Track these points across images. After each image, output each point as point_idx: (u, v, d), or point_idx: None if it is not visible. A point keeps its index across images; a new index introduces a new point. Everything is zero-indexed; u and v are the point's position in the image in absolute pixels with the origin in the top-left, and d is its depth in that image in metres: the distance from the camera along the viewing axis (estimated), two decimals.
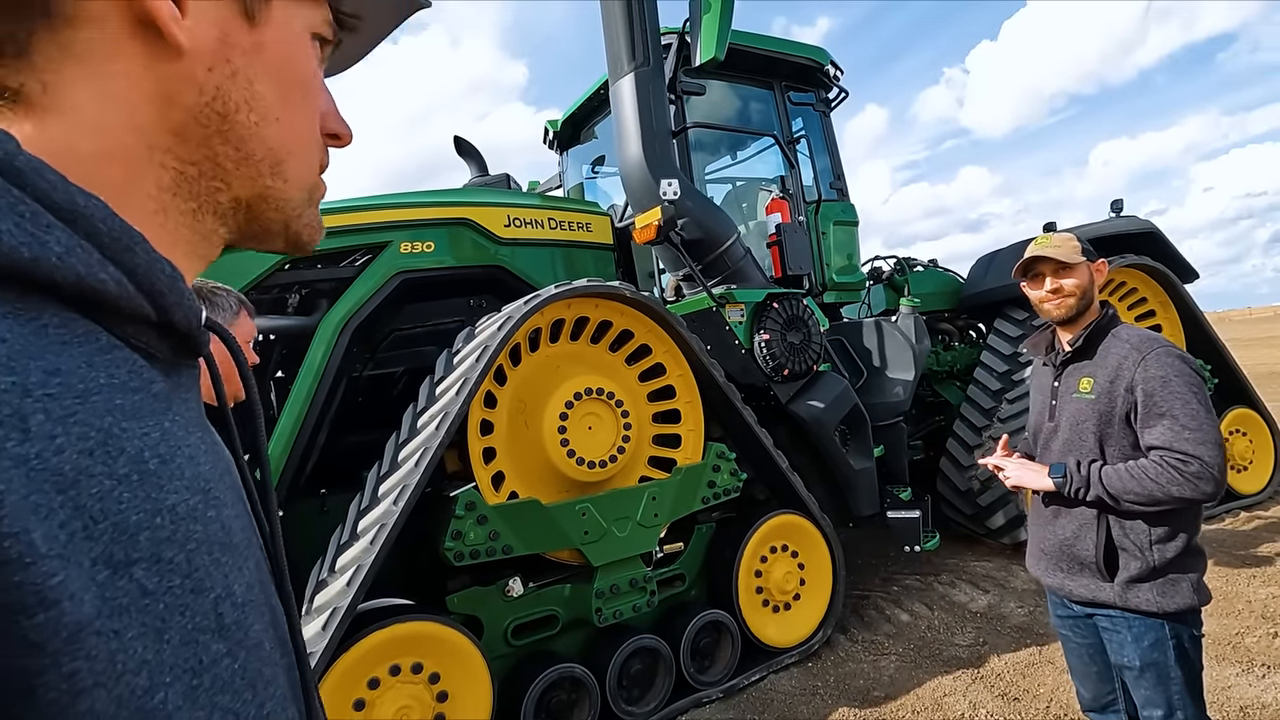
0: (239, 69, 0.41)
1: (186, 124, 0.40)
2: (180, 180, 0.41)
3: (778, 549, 3.53)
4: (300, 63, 0.45)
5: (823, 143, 5.03)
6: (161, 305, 0.35)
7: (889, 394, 4.25)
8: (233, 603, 0.34)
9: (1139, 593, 1.71)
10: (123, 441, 0.30)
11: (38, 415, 0.27)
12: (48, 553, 0.25)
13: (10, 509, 0.24)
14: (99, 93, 0.37)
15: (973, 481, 4.72)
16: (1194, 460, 1.61)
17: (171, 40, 0.38)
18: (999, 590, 4.14)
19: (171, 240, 0.41)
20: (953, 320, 6.08)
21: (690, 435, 3.37)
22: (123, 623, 0.27)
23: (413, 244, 3.46)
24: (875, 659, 3.44)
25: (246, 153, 0.42)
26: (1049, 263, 1.84)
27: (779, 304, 3.76)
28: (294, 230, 0.47)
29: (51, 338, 0.30)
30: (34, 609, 0.24)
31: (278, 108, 0.43)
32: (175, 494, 0.32)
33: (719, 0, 3.75)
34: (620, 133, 3.68)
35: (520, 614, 2.92)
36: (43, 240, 0.30)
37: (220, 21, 0.40)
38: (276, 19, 0.43)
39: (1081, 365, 1.84)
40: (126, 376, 0.33)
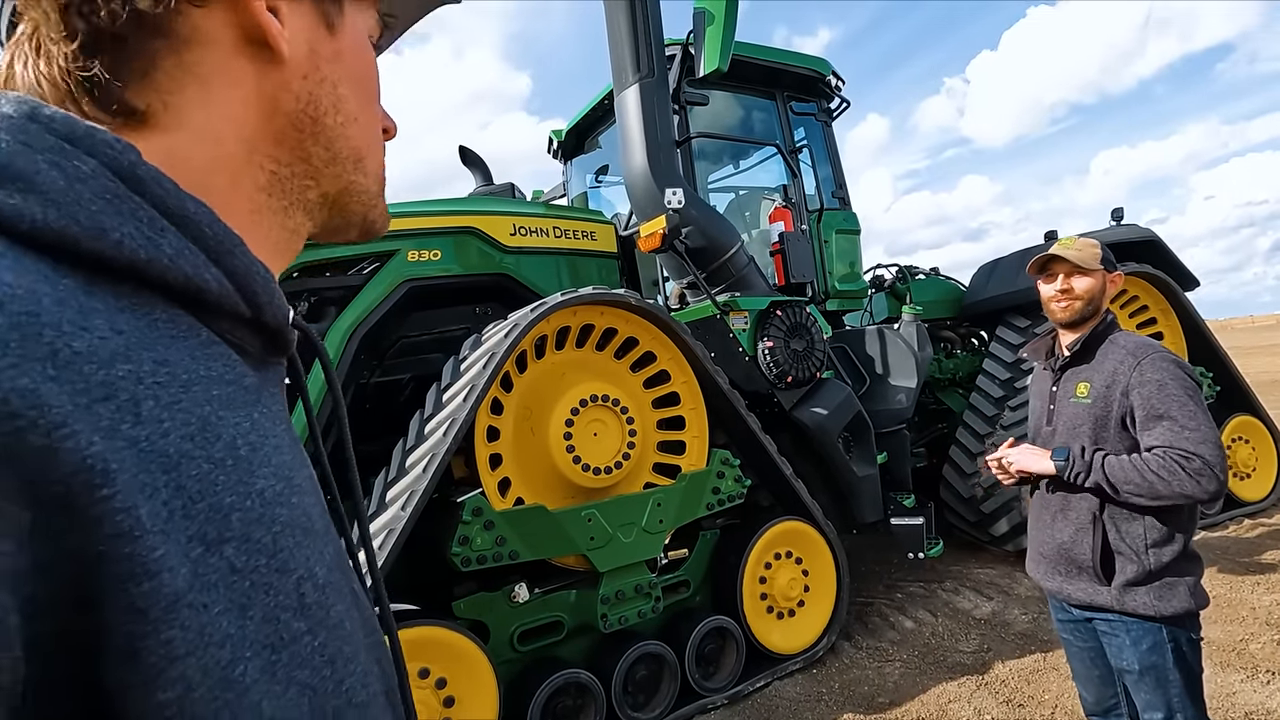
0: (326, 75, 0.45)
1: (285, 129, 0.43)
2: (274, 180, 0.44)
3: (782, 555, 3.55)
4: (370, 64, 0.49)
5: (824, 152, 5.08)
6: (256, 304, 0.38)
7: (892, 401, 4.27)
8: (314, 584, 0.36)
9: (1136, 596, 1.72)
10: (219, 429, 0.33)
11: (148, 401, 0.30)
12: (152, 528, 0.28)
13: (123, 486, 0.27)
14: (212, 107, 0.40)
15: (976, 488, 4.73)
16: (1195, 458, 1.63)
17: (278, 52, 0.41)
18: (1003, 597, 4.14)
19: (264, 237, 0.44)
20: (955, 328, 6.10)
21: (695, 442, 3.39)
22: (211, 597, 0.29)
23: (420, 252, 3.50)
24: (880, 665, 3.45)
25: (334, 152, 0.46)
26: (1065, 263, 1.86)
27: (782, 311, 3.79)
28: (370, 219, 0.51)
29: (161, 331, 0.33)
30: (140, 578, 0.27)
31: (357, 108, 0.47)
32: (263, 479, 0.34)
33: (722, 13, 3.81)
34: (625, 142, 3.72)
35: (526, 619, 2.94)
36: (157, 243, 0.33)
37: (309, 33, 0.44)
38: (349, 28, 0.47)
39: (1079, 370, 1.87)
40: (223, 369, 0.35)
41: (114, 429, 0.28)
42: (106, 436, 0.27)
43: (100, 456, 0.26)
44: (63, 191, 0.30)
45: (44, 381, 0.26)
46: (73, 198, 0.30)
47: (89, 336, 0.28)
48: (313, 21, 0.44)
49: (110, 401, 0.28)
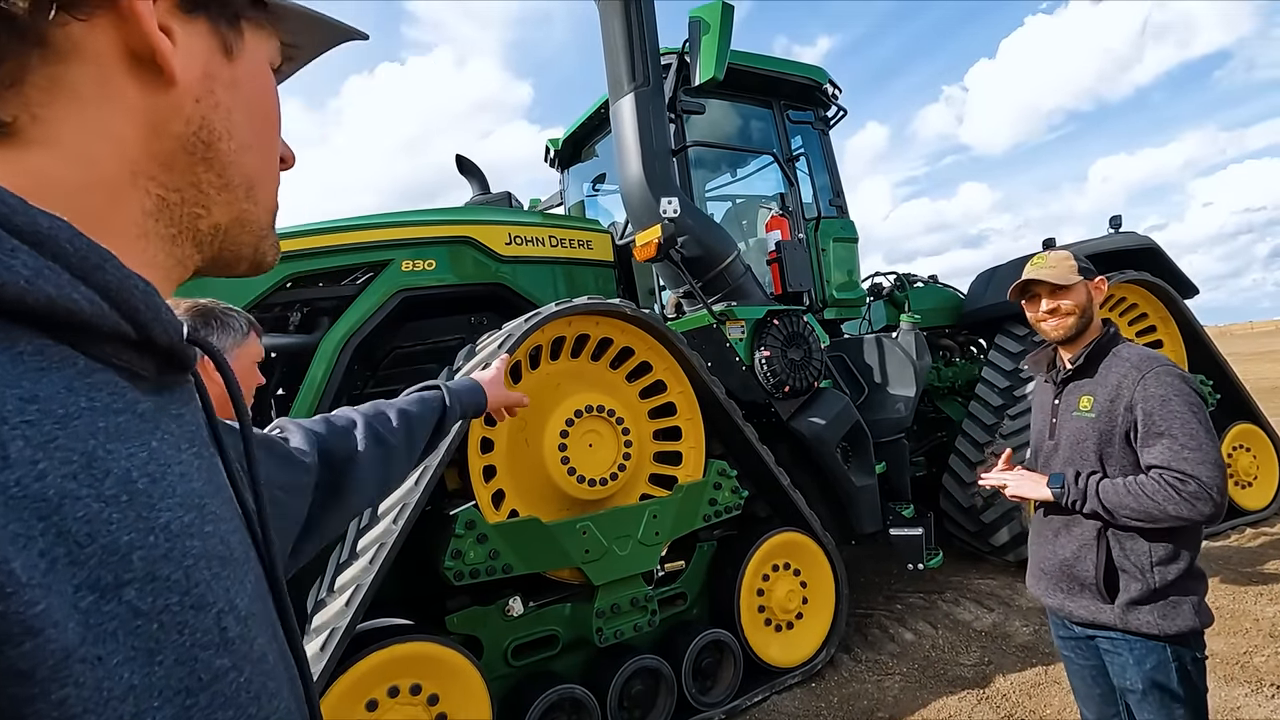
0: (220, 100, 0.43)
1: (173, 152, 0.42)
2: (162, 206, 0.42)
3: (780, 567, 3.51)
4: (269, 94, 0.48)
5: (822, 160, 5.07)
6: (138, 322, 0.35)
7: (890, 410, 4.24)
8: (236, 616, 0.34)
9: (1139, 615, 1.69)
10: (108, 463, 0.30)
11: (16, 442, 0.27)
12: (29, 581, 0.25)
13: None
14: (89, 125, 0.38)
15: (975, 498, 4.69)
16: (1192, 480, 1.60)
17: (168, 73, 0.40)
18: (1003, 608, 4.10)
19: (149, 263, 0.42)
20: (953, 336, 6.08)
21: (691, 452, 3.36)
22: (108, 648, 0.27)
23: (414, 262, 3.47)
24: (879, 679, 3.40)
25: (227, 179, 0.44)
26: (1044, 284, 1.84)
27: (779, 321, 3.76)
28: (261, 250, 0.49)
29: (28, 364, 0.30)
30: (20, 638, 0.24)
31: (252, 136, 0.46)
32: (168, 511, 0.32)
33: (718, 21, 3.80)
34: (621, 151, 3.71)
35: (520, 634, 2.90)
36: (8, 264, 0.29)
37: (204, 56, 0.43)
38: (249, 55, 0.46)
39: (1082, 383, 1.84)
40: (109, 399, 0.33)
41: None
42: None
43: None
44: None
45: None
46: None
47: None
48: (209, 45, 0.43)
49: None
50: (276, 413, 3.24)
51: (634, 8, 3.55)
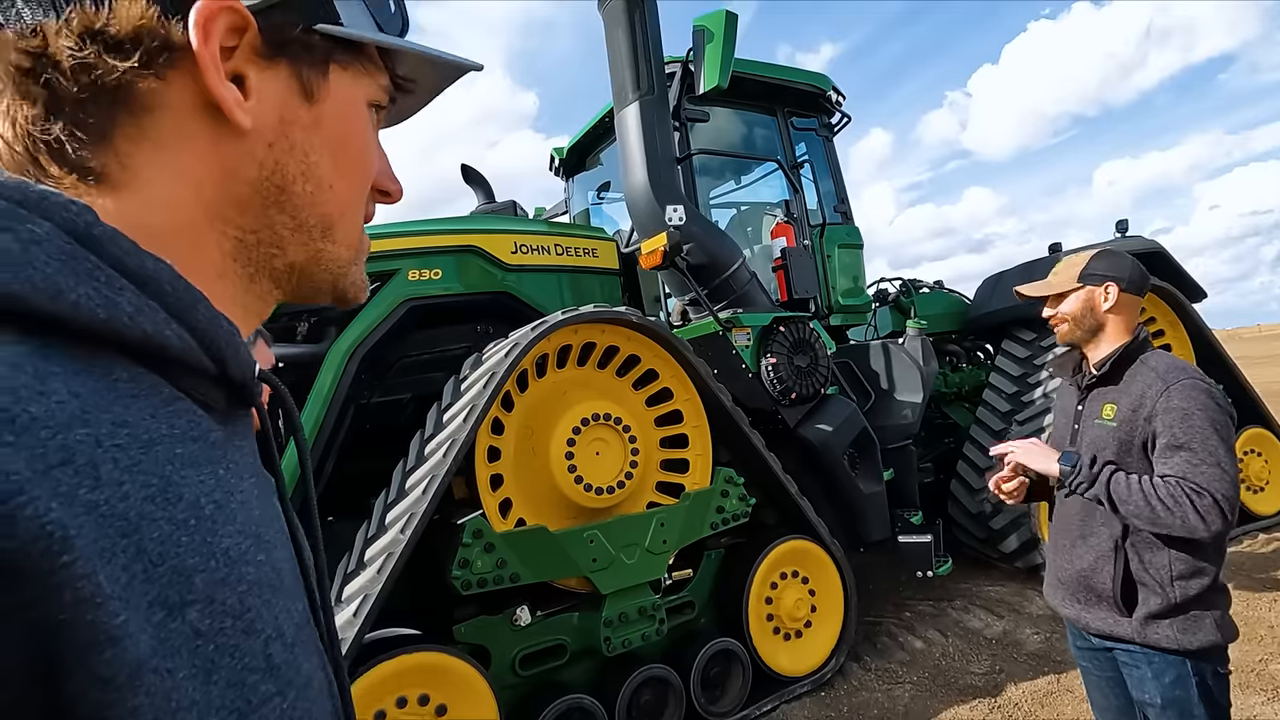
0: (296, 143, 0.44)
1: (247, 196, 0.43)
2: (240, 248, 0.44)
3: (788, 575, 3.49)
4: (356, 133, 0.48)
5: (826, 167, 5.07)
6: (220, 359, 0.38)
7: (897, 416, 4.23)
8: (283, 643, 0.36)
9: (1158, 629, 1.64)
10: (181, 488, 0.32)
11: (107, 464, 0.29)
12: (113, 594, 0.27)
13: (82, 552, 0.26)
14: (169, 171, 0.40)
15: (985, 504, 4.66)
16: (1206, 494, 1.55)
17: (235, 122, 0.41)
18: (1014, 616, 4.07)
19: (230, 301, 0.44)
20: (960, 342, 6.06)
21: (698, 460, 3.35)
22: (175, 662, 0.29)
23: (421, 271, 3.49)
24: (889, 688, 3.38)
25: (301, 220, 0.45)
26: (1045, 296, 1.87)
27: (785, 327, 3.76)
28: (341, 287, 0.50)
29: (120, 391, 0.32)
30: (104, 646, 0.26)
31: (332, 176, 0.46)
32: (229, 538, 0.34)
33: (721, 30, 3.82)
34: (625, 160, 3.72)
35: (528, 643, 2.89)
36: (115, 302, 0.32)
37: (280, 102, 0.43)
38: (335, 94, 0.46)
39: (1106, 390, 1.78)
40: (186, 427, 0.35)
41: (72, 494, 0.27)
42: (65, 502, 0.27)
43: (59, 523, 0.26)
44: (16, 255, 0.30)
45: (1, 448, 0.26)
46: (27, 260, 0.30)
47: (46, 401, 0.28)
48: (287, 89, 0.44)
49: (68, 466, 0.28)
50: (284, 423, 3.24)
51: (638, 16, 3.57)
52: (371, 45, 0.48)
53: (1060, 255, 5.25)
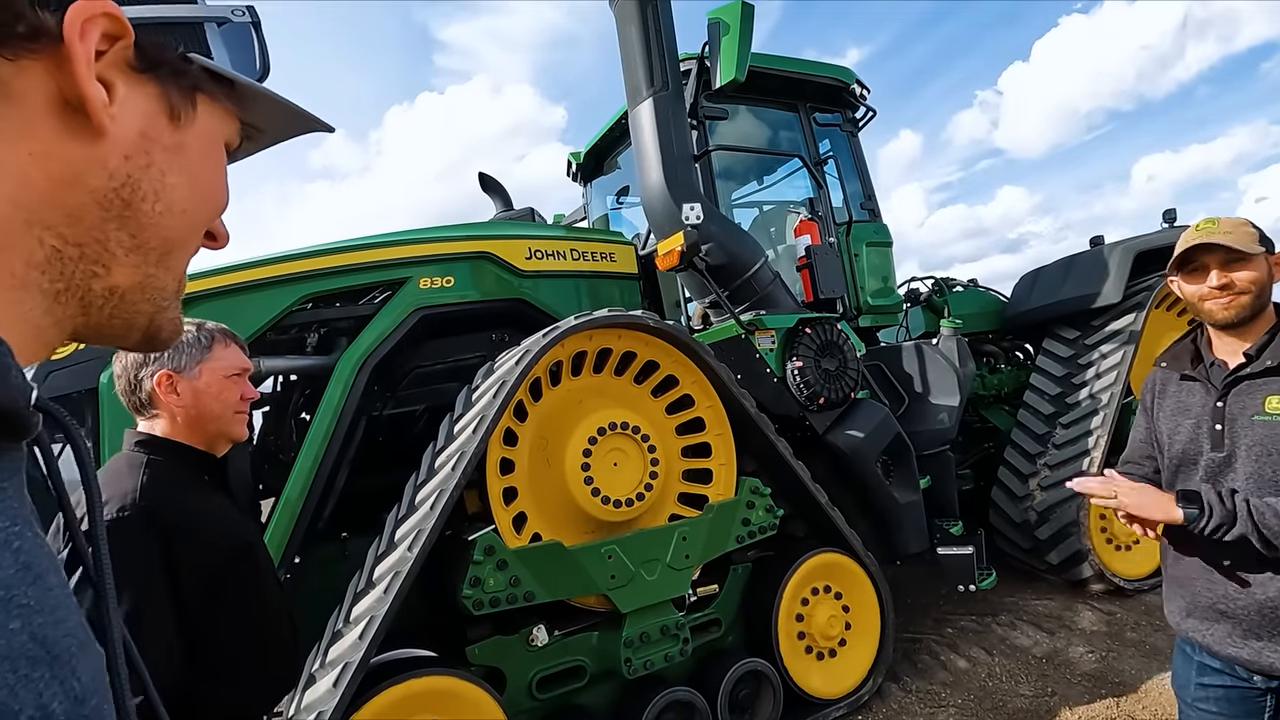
0: (154, 161, 0.43)
1: (85, 205, 0.40)
2: (54, 259, 0.40)
3: (820, 590, 3.30)
4: (214, 166, 0.49)
5: (852, 163, 4.89)
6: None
7: (933, 421, 4.01)
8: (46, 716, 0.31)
9: None
10: None
11: None
12: None
13: None
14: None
15: (1029, 512, 4.42)
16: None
17: (96, 124, 0.39)
18: (1064, 632, 3.81)
19: (20, 318, 0.39)
20: (997, 342, 5.80)
21: (722, 470, 3.19)
22: None
23: (432, 279, 3.40)
24: (932, 711, 3.16)
25: (140, 240, 0.43)
26: (1217, 252, 1.51)
27: (812, 329, 3.59)
28: (157, 324, 0.47)
29: None
30: None
31: (185, 202, 0.45)
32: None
33: (738, 22, 3.69)
34: (640, 158, 3.60)
35: (545, 665, 2.75)
36: None
37: (144, 117, 0.43)
38: (200, 124, 0.47)
39: (1265, 382, 1.49)
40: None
41: None
42: None
43: None
44: None
45: None
46: None
47: None
48: (154, 107, 0.44)
49: None
50: (297, 437, 3.18)
51: (650, 11, 3.46)
52: (231, 86, 0.48)
53: (1103, 246, 4.98)
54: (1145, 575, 4.27)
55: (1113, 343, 4.65)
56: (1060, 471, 4.37)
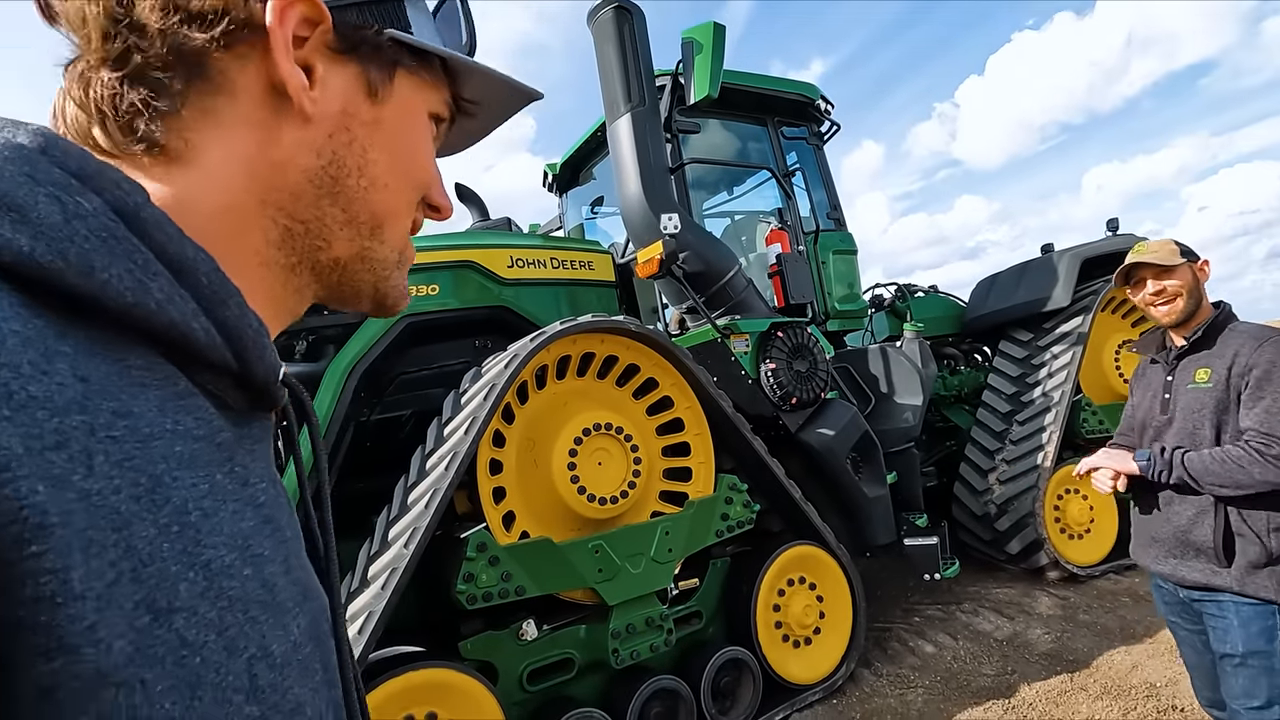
0: (356, 138, 0.45)
1: (301, 185, 0.43)
2: (286, 236, 0.44)
3: (795, 582, 3.46)
4: (415, 138, 0.49)
5: (818, 175, 5.11)
6: (243, 358, 0.37)
7: (898, 419, 4.22)
8: (269, 664, 0.33)
9: (1257, 579, 1.74)
10: (170, 491, 0.30)
11: (99, 456, 0.28)
12: (83, 593, 0.25)
13: (57, 543, 0.24)
14: (228, 152, 0.41)
15: (989, 506, 4.65)
16: (1277, 442, 1.65)
17: (298, 107, 0.42)
18: (1023, 616, 4.04)
19: (266, 291, 0.44)
20: (957, 344, 6.07)
21: (701, 468, 3.34)
22: (154, 673, 0.27)
23: (417, 287, 3.48)
24: (901, 693, 3.34)
25: (351, 214, 0.45)
26: (1150, 268, 1.93)
27: (784, 333, 3.76)
28: (382, 291, 0.49)
29: (131, 379, 0.31)
30: (55, 653, 0.24)
31: (387, 175, 0.47)
32: (211, 549, 0.32)
33: (710, 41, 3.86)
34: (619, 171, 3.74)
35: (536, 658, 2.85)
36: (146, 286, 0.32)
37: (344, 95, 0.44)
38: (397, 97, 0.47)
39: (1198, 357, 1.91)
40: (192, 424, 0.33)
41: (64, 479, 0.25)
42: (55, 486, 0.25)
43: (40, 508, 0.24)
44: (57, 226, 0.29)
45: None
46: (66, 234, 0.29)
47: (47, 381, 0.27)
48: (354, 85, 0.45)
49: (63, 450, 0.26)
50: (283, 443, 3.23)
51: (627, 30, 3.61)
52: (437, 58, 0.49)
53: (1053, 253, 5.28)
54: (1096, 562, 4.54)
55: (1063, 344, 4.93)
56: (1017, 466, 4.62)
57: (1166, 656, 3.28)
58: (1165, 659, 3.26)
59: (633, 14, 3.62)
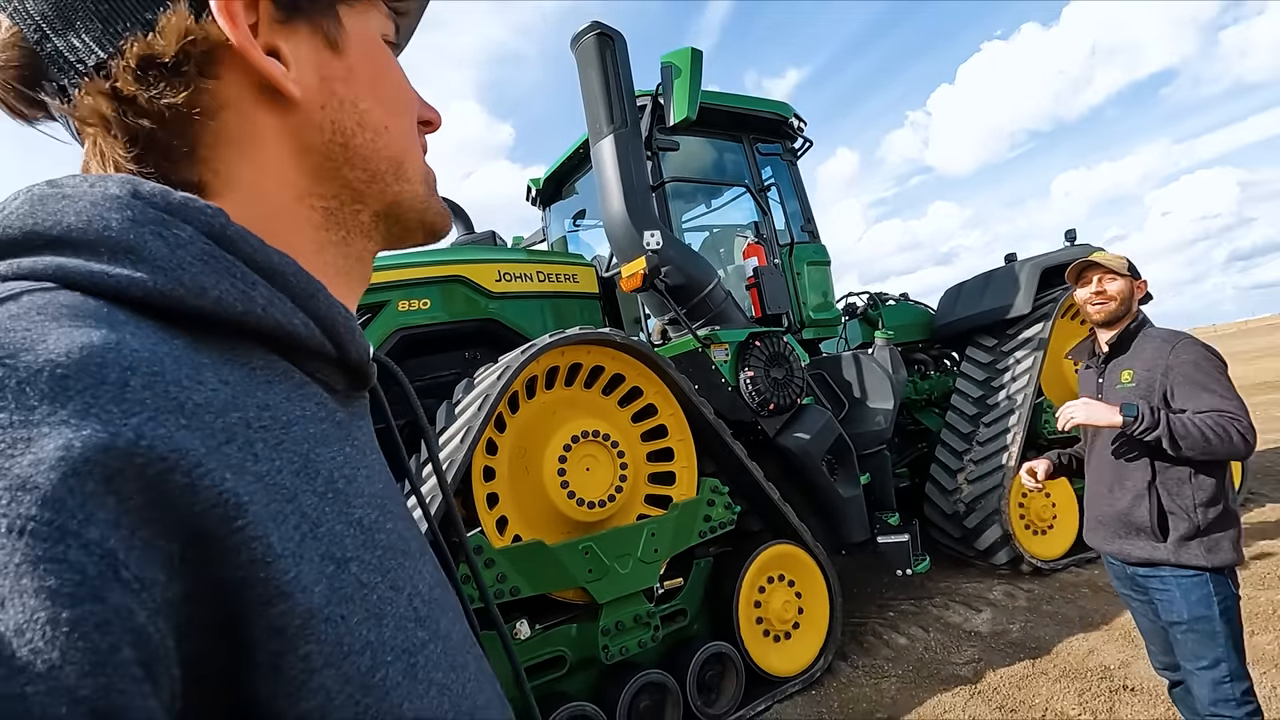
0: (343, 98, 0.45)
1: (319, 164, 0.45)
2: (327, 216, 0.46)
3: (775, 579, 3.63)
4: (387, 70, 0.48)
5: (792, 189, 5.32)
6: (340, 343, 0.41)
7: (871, 423, 4.42)
8: (422, 599, 0.38)
9: (1189, 549, 1.97)
10: (318, 464, 0.35)
11: (259, 443, 0.32)
12: (284, 552, 0.30)
13: (254, 517, 0.29)
14: (252, 165, 0.43)
15: (958, 504, 4.87)
16: (1241, 419, 1.91)
17: (287, 94, 0.42)
18: (991, 609, 4.25)
19: (334, 271, 0.46)
20: (926, 350, 6.31)
21: (684, 472, 3.50)
22: (348, 609, 0.32)
23: (410, 302, 3.61)
24: (876, 682, 3.52)
25: (372, 170, 0.46)
26: (1099, 267, 2.19)
27: (761, 342, 3.94)
28: (428, 220, 0.51)
29: (259, 377, 0.35)
30: (275, 600, 0.29)
31: (384, 118, 0.47)
32: (360, 509, 0.36)
33: (688, 65, 4.05)
34: (603, 189, 3.90)
35: (529, 656, 2.98)
36: (250, 296, 0.35)
37: (315, 62, 0.44)
38: (354, 39, 0.46)
39: (1121, 360, 2.16)
40: (315, 408, 0.38)
41: (241, 467, 0.30)
42: (236, 474, 0.29)
43: (233, 491, 0.29)
44: (167, 258, 0.33)
45: (177, 430, 0.28)
46: (175, 263, 0.33)
47: (204, 389, 0.31)
48: (315, 46, 0.44)
49: (233, 443, 0.30)
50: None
51: (609, 54, 3.78)
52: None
53: (1015, 263, 5.55)
54: (1059, 556, 4.78)
55: (1025, 349, 5.19)
56: (983, 466, 4.85)
57: (1120, 641, 3.50)
58: (1119, 643, 3.48)
59: (614, 40, 3.79)
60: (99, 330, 0.29)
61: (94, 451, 0.25)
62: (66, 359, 0.27)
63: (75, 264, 0.31)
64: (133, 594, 0.25)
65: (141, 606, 0.25)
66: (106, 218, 0.33)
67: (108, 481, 0.25)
